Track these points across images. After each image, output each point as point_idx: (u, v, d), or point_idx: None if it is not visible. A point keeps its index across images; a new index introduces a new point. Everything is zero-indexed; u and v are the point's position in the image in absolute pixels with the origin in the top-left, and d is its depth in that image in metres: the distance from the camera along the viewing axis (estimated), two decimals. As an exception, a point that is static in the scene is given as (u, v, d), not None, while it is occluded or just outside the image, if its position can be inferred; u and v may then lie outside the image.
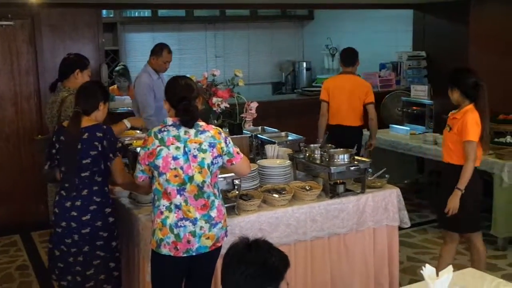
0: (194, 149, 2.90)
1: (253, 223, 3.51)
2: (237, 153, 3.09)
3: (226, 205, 3.51)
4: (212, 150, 2.94)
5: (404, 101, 6.52)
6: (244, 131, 4.47)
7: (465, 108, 3.88)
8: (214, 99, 4.31)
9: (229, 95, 4.49)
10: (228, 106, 4.40)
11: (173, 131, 2.92)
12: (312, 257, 3.73)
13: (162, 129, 2.94)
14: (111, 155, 3.26)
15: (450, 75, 3.98)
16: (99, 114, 3.39)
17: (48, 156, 3.38)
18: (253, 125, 4.80)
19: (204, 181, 2.93)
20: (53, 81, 4.05)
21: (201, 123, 3.00)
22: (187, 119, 2.92)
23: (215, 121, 4.26)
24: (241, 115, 4.58)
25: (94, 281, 3.34)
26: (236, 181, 3.44)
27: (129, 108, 6.40)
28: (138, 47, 8.71)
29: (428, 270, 2.23)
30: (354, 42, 7.57)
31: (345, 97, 5.46)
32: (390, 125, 6.42)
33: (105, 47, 6.53)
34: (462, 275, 2.60)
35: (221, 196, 3.09)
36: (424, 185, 6.86)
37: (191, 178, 2.90)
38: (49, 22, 5.74)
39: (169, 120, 2.96)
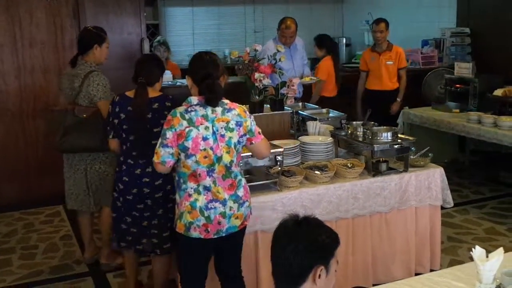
0: (222, 128, 2.82)
1: (295, 200, 3.52)
2: (259, 133, 3.01)
3: (268, 181, 3.55)
4: (239, 128, 2.87)
5: (447, 78, 6.38)
6: (285, 107, 4.45)
7: (323, 59, 6.16)
8: (256, 75, 4.28)
9: (271, 70, 4.46)
10: (270, 81, 4.37)
11: (201, 111, 2.82)
12: (354, 235, 3.74)
13: (189, 109, 2.82)
14: None
15: (316, 38, 6.43)
16: (158, 85, 3.58)
17: (111, 126, 3.49)
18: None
19: (232, 161, 2.87)
20: (74, 55, 4.17)
21: (226, 100, 2.91)
22: (211, 97, 2.82)
23: (257, 97, 4.25)
24: (282, 91, 4.55)
25: (170, 242, 3.49)
26: (279, 157, 3.45)
27: (170, 82, 6.43)
28: (177, 21, 8.72)
29: (478, 252, 2.19)
30: (395, 18, 7.44)
31: None
32: (432, 102, 6.30)
33: (146, 21, 6.54)
34: (510, 258, 2.55)
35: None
36: (465, 164, 6.75)
37: (219, 159, 2.83)
38: (92, -4, 5.80)
39: (194, 99, 2.85)
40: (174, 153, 2.83)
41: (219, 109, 2.85)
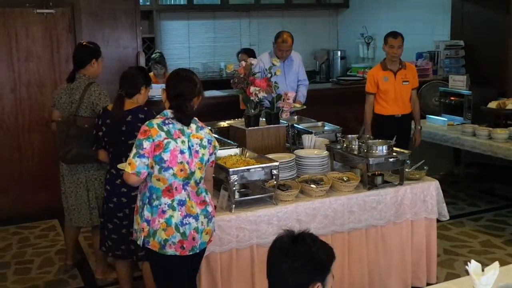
0: (196, 144, 2.87)
1: (290, 213, 3.51)
2: None
3: (263, 195, 3.55)
4: (210, 146, 2.92)
5: (442, 91, 6.41)
6: (280, 120, 4.46)
7: None
8: (252, 88, 4.30)
9: (267, 84, 4.47)
10: (265, 95, 4.38)
11: (177, 124, 2.85)
12: (349, 248, 3.73)
13: (166, 122, 2.83)
14: None
15: None
16: (141, 98, 3.66)
17: (94, 138, 3.66)
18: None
19: (201, 177, 2.91)
20: (71, 71, 4.24)
21: (196, 119, 2.95)
22: (180, 116, 2.85)
23: (252, 111, 4.26)
24: (277, 105, 4.56)
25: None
26: (274, 171, 3.45)
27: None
28: (173, 34, 8.75)
29: (473, 266, 2.20)
30: (389, 31, 7.47)
31: None
32: (427, 115, 6.33)
33: (141, 35, 6.56)
34: (506, 271, 2.55)
35: None
36: (460, 177, 6.76)
37: (192, 174, 2.85)
38: (89, 10, 5.80)
39: (169, 113, 2.86)
40: (149, 164, 2.78)
41: (193, 126, 2.90)
